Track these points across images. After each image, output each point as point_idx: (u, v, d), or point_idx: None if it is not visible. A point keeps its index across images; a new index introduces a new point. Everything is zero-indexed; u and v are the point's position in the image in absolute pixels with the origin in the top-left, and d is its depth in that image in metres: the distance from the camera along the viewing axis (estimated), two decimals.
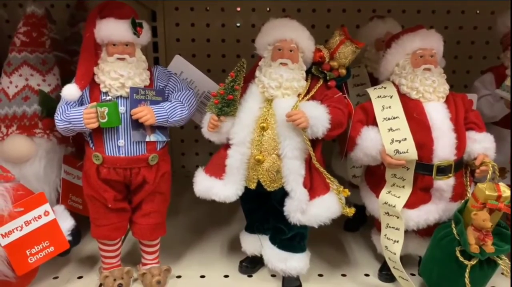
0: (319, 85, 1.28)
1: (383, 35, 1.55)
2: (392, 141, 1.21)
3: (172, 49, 2.29)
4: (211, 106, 1.22)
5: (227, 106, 1.20)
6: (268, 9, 2.14)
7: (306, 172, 1.24)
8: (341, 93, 1.27)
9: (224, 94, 1.21)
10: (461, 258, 1.20)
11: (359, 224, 1.75)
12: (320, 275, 1.45)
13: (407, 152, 1.20)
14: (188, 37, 2.27)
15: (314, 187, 1.24)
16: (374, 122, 1.27)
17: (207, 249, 1.61)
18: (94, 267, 1.46)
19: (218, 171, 1.27)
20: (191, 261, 1.53)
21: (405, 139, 1.20)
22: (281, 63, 1.24)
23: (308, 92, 1.26)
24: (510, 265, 1.20)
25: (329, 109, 1.21)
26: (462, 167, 1.30)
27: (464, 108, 1.31)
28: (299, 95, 1.25)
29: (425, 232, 1.33)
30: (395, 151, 1.20)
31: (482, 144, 1.25)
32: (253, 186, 1.26)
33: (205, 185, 1.27)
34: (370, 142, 1.22)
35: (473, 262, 1.20)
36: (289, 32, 1.24)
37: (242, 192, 1.26)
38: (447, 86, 1.29)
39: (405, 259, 1.46)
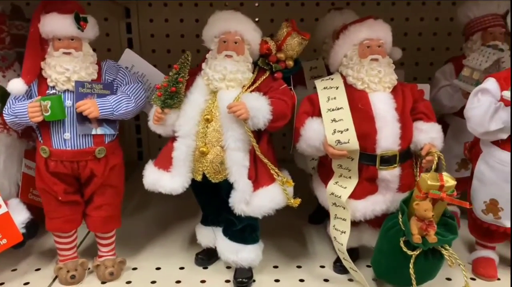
0: (264, 77, 1.28)
1: (340, 27, 1.54)
2: (334, 132, 1.21)
3: (146, 45, 2.31)
4: (155, 98, 1.23)
5: (170, 99, 1.21)
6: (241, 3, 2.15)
7: (251, 163, 1.24)
8: (286, 85, 1.27)
9: (168, 87, 1.21)
10: (404, 249, 1.19)
11: (324, 216, 1.75)
12: (275, 267, 1.46)
13: (348, 142, 1.20)
14: (162, 33, 2.29)
15: (258, 178, 1.24)
16: (320, 114, 1.27)
17: (167, 242, 1.62)
18: (54, 260, 1.48)
19: (165, 164, 1.28)
20: (150, 254, 1.54)
21: (347, 129, 1.20)
22: (226, 55, 1.25)
23: (253, 84, 1.26)
24: (455, 255, 1.19)
25: (272, 100, 1.21)
26: (410, 158, 1.29)
27: (413, 99, 1.30)
28: (244, 87, 1.25)
29: (377, 223, 1.33)
30: (337, 141, 1.20)
31: (428, 134, 1.24)
32: (199, 178, 1.27)
33: (153, 177, 1.28)
34: (313, 133, 1.22)
35: (417, 252, 1.19)
36: (233, 24, 1.25)
37: (189, 184, 1.27)
38: (394, 77, 1.29)
39: (362, 250, 1.47)
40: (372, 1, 2.06)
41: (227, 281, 1.38)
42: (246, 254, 1.34)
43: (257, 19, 2.09)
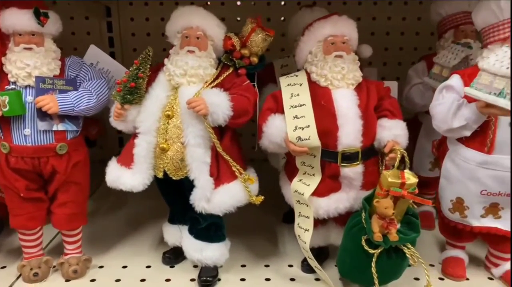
0: (227, 73, 1.27)
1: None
2: (296, 129, 1.19)
3: (127, 44, 2.31)
4: (115, 94, 1.22)
5: (130, 94, 1.20)
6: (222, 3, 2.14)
7: (213, 160, 1.23)
8: (249, 81, 1.26)
9: (127, 82, 1.21)
10: (366, 247, 1.18)
11: None
12: (243, 266, 1.45)
13: (309, 138, 1.18)
14: (143, 32, 2.28)
15: (220, 175, 1.23)
16: (284, 110, 1.26)
17: (138, 241, 1.61)
18: (20, 257, 1.46)
19: (127, 160, 1.27)
20: (119, 252, 1.53)
21: (308, 126, 1.19)
22: (188, 51, 1.24)
23: (215, 80, 1.25)
24: (417, 254, 1.17)
25: (233, 97, 1.20)
26: (374, 155, 1.28)
27: (378, 96, 1.29)
28: (206, 83, 1.24)
29: (344, 222, 1.31)
30: (297, 138, 1.19)
31: (391, 131, 1.23)
32: (160, 175, 1.25)
33: (114, 174, 1.27)
34: (275, 130, 1.21)
35: (379, 251, 1.17)
36: (195, 20, 1.24)
37: (150, 181, 1.26)
38: (358, 73, 1.27)
39: (333, 250, 1.45)
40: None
41: (192, 280, 1.36)
42: (210, 252, 1.32)
43: (238, 19, 2.09)
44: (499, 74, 1.05)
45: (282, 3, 2.10)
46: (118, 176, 1.26)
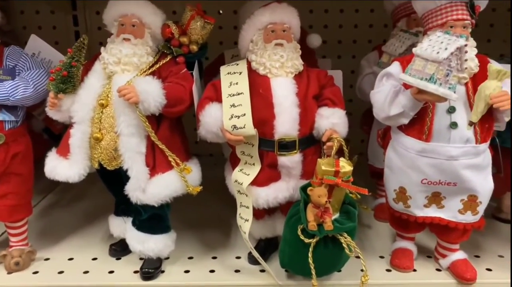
0: (164, 61, 1.25)
1: None
2: (232, 117, 1.18)
3: (93, 38, 2.27)
4: (49, 83, 1.20)
5: (63, 83, 1.19)
6: None
7: (148, 149, 1.22)
8: (186, 70, 1.24)
9: (60, 71, 1.19)
10: (302, 237, 1.16)
11: None
12: (190, 258, 1.43)
13: (244, 127, 1.17)
14: None
15: (156, 165, 1.22)
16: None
17: (89, 233, 1.59)
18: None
19: (64, 151, 1.25)
20: (67, 245, 1.52)
21: (244, 115, 1.18)
22: (124, 39, 1.22)
23: (151, 68, 1.23)
24: (353, 243, 1.15)
25: (166, 85, 1.19)
26: (313, 144, 1.26)
27: (319, 85, 1.27)
28: (141, 71, 1.22)
29: None
30: (233, 127, 1.17)
31: (329, 119, 1.21)
32: (96, 165, 1.24)
33: (51, 164, 1.26)
34: (210, 119, 1.20)
35: (314, 240, 1.16)
36: (130, 8, 1.23)
37: (86, 171, 1.24)
38: (298, 62, 1.26)
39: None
40: None
41: (136, 271, 1.34)
42: (153, 243, 1.31)
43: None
44: (430, 59, 1.04)
45: None
46: (54, 166, 1.24)
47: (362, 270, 1.34)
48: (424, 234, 1.41)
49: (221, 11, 2.08)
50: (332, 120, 1.21)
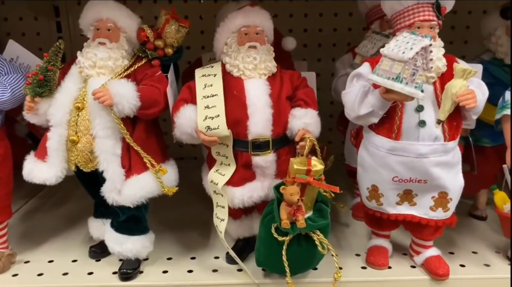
0: (140, 64, 1.27)
1: None
2: (206, 118, 1.20)
3: (77, 44, 2.27)
4: (25, 87, 1.22)
5: (39, 87, 1.20)
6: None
7: (124, 151, 1.24)
8: (161, 72, 1.26)
9: (36, 75, 1.21)
10: (275, 235, 1.18)
11: None
12: (169, 258, 1.44)
13: (218, 128, 1.19)
14: None
15: (131, 167, 1.23)
16: None
17: (70, 236, 1.60)
18: None
19: (42, 154, 1.27)
20: (49, 247, 1.52)
21: (218, 116, 1.20)
22: (99, 43, 1.24)
23: (127, 71, 1.25)
24: (325, 241, 1.17)
25: (141, 87, 1.21)
26: (287, 144, 1.28)
27: (292, 86, 1.30)
28: (116, 74, 1.24)
29: None
30: (207, 128, 1.19)
31: (302, 119, 1.24)
32: (73, 168, 1.25)
33: (29, 167, 1.27)
34: (185, 120, 1.22)
35: (287, 238, 1.18)
36: (105, 12, 1.25)
37: (64, 174, 1.25)
38: (271, 64, 1.28)
39: None
40: None
41: (115, 272, 1.35)
42: (131, 244, 1.32)
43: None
44: (397, 59, 1.06)
45: None
46: (32, 169, 1.25)
47: (340, 268, 1.37)
48: (400, 231, 1.44)
49: (202, 16, 2.11)
50: (304, 121, 1.23)
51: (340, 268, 1.34)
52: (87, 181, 1.34)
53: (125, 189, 1.21)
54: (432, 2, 1.17)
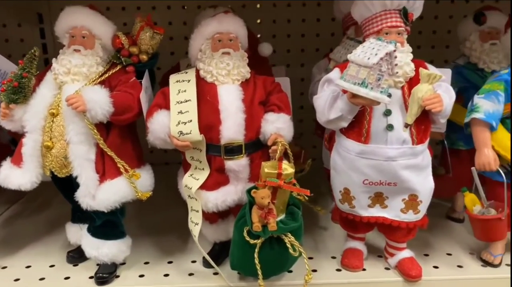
0: (114, 71, 1.29)
1: None
2: (178, 123, 1.22)
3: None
4: (0, 94, 1.23)
5: (14, 94, 1.22)
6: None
7: (98, 156, 1.25)
8: (135, 79, 1.28)
9: (11, 82, 1.22)
10: (247, 238, 1.19)
11: None
12: (146, 263, 1.45)
13: (190, 132, 1.21)
14: None
15: (105, 172, 1.25)
16: None
17: (48, 241, 1.61)
18: None
19: (18, 160, 1.28)
20: (27, 253, 1.53)
21: (191, 121, 1.21)
22: (74, 50, 1.26)
23: (101, 77, 1.27)
24: (296, 243, 1.19)
25: (114, 93, 1.22)
26: (261, 148, 1.30)
27: (266, 91, 1.32)
28: (90, 80, 1.26)
29: None
30: (179, 133, 1.21)
31: (274, 124, 1.25)
32: (48, 173, 1.27)
33: (5, 173, 1.28)
34: (158, 125, 1.23)
35: (259, 241, 1.19)
36: (79, 20, 1.27)
37: (39, 179, 1.26)
38: (245, 69, 1.30)
39: None
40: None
41: (91, 277, 1.36)
42: (107, 249, 1.33)
43: None
44: (362, 65, 1.08)
45: None
46: (7, 174, 1.27)
47: (314, 271, 1.39)
48: (376, 234, 1.46)
49: (186, 22, 2.13)
50: (277, 125, 1.25)
51: (315, 271, 1.38)
52: (63, 186, 1.35)
53: (99, 194, 1.23)
54: (400, 9, 1.19)
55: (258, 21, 2.17)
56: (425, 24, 2.12)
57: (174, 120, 1.23)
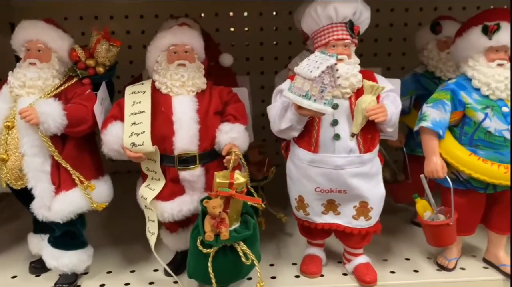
0: (70, 83, 1.31)
1: None
2: (131, 135, 1.24)
3: None
4: None
5: None
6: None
7: (54, 168, 1.27)
8: (90, 91, 1.30)
9: None
10: (200, 247, 1.22)
11: None
12: (109, 272, 1.47)
13: (142, 144, 1.23)
14: None
15: (61, 183, 1.27)
16: None
17: (11, 253, 1.61)
18: None
19: None
20: None
21: (143, 132, 1.24)
22: (30, 63, 1.28)
23: (56, 90, 1.29)
24: (248, 251, 1.21)
25: (68, 106, 1.24)
26: (217, 158, 1.32)
27: (221, 101, 1.35)
28: (46, 93, 1.28)
29: None
30: (132, 144, 1.23)
31: (229, 134, 1.28)
32: (4, 185, 1.28)
33: None
34: (112, 137, 1.25)
35: (212, 250, 1.21)
36: (35, 33, 1.29)
37: None
38: (200, 81, 1.33)
39: None
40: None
41: None
42: (67, 259, 1.35)
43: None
44: (306, 77, 1.11)
45: None
46: None
47: (273, 277, 1.41)
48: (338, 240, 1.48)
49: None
50: (231, 135, 1.28)
51: (274, 277, 1.41)
52: (21, 197, 1.36)
53: (54, 205, 1.25)
54: (346, 22, 1.22)
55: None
56: (381, 32, 2.17)
57: (127, 131, 1.25)
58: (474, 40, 1.31)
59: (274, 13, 2.17)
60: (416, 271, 1.44)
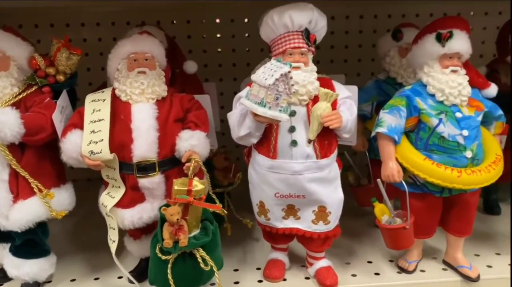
0: (29, 91, 1.31)
1: None
2: (90, 143, 1.24)
3: None
4: None
5: None
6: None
7: (12, 177, 1.26)
8: (49, 99, 1.30)
9: None
10: (159, 254, 1.22)
11: None
12: (73, 280, 1.47)
13: (100, 152, 1.23)
14: None
15: (19, 192, 1.26)
16: None
17: None
18: None
19: None
20: None
21: (102, 140, 1.24)
22: None
23: (15, 99, 1.29)
24: (207, 257, 1.22)
25: (26, 115, 1.24)
26: (177, 165, 1.33)
27: (182, 108, 1.36)
28: (4, 102, 1.27)
29: None
30: (90, 152, 1.23)
31: (188, 141, 1.29)
32: None
33: None
34: (70, 145, 1.25)
35: (170, 257, 1.22)
36: None
37: None
38: (160, 88, 1.33)
39: None
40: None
41: None
42: (28, 268, 1.34)
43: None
44: (261, 85, 1.13)
45: None
46: None
47: (236, 282, 1.42)
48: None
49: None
50: (191, 142, 1.29)
51: (237, 282, 1.42)
52: None
53: (12, 214, 1.24)
54: (302, 31, 1.25)
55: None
56: (351, 38, 2.22)
57: (86, 139, 1.25)
58: (429, 48, 1.34)
59: (246, 20, 2.18)
60: (377, 274, 1.46)
